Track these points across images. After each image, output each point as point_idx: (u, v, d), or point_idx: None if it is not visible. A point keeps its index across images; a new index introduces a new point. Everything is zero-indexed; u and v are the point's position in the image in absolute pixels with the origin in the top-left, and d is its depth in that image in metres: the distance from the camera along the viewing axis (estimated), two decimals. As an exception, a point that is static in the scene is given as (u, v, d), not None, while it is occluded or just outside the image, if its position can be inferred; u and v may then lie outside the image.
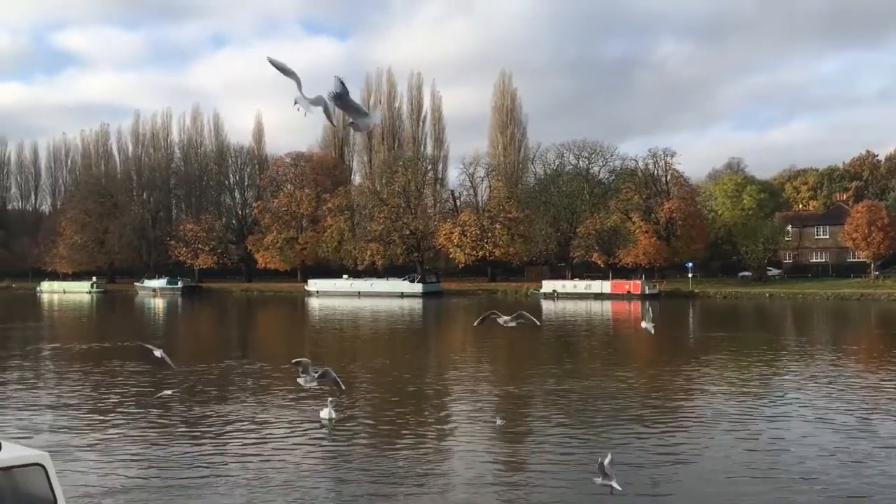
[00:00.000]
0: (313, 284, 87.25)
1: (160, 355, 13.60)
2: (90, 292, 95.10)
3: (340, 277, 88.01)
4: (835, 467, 14.22)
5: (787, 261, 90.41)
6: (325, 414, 17.70)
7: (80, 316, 62.87)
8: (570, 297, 72.71)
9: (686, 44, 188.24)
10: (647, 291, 71.62)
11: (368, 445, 16.20)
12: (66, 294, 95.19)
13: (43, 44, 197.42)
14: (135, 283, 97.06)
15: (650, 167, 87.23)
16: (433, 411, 20.07)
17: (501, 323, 11.56)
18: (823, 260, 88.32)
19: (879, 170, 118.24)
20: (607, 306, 64.13)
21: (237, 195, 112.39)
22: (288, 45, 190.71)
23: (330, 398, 18.19)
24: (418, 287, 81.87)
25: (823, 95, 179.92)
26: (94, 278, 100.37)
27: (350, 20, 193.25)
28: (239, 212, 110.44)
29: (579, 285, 76.59)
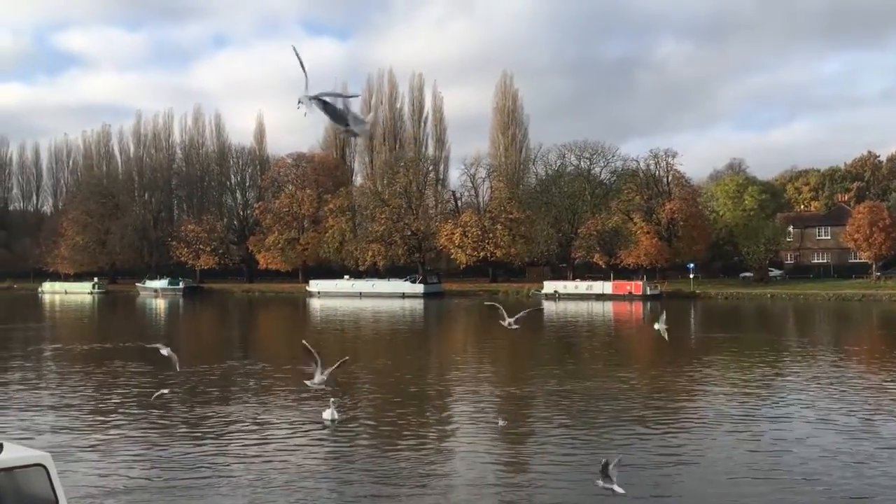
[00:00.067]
0: (314, 285, 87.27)
1: (167, 354, 13.61)
2: (92, 293, 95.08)
3: (342, 278, 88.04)
4: (837, 468, 14.20)
5: (789, 261, 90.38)
6: (328, 415, 17.71)
7: (82, 317, 62.89)
8: (572, 298, 72.70)
9: (686, 44, 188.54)
10: (649, 292, 71.62)
11: (370, 446, 16.19)
12: (68, 295, 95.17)
13: (45, 44, 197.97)
14: (136, 284, 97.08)
15: (651, 168, 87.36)
16: (435, 412, 20.05)
17: (505, 325, 11.52)
18: (825, 261, 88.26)
19: (881, 170, 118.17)
20: (609, 307, 64.10)
21: (238, 196, 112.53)
22: (289, 46, 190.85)
23: (332, 399, 18.19)
24: (419, 288, 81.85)
25: (825, 96, 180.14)
26: (96, 279, 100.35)
27: (351, 21, 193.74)
28: (240, 212, 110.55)
29: (581, 286, 76.56)
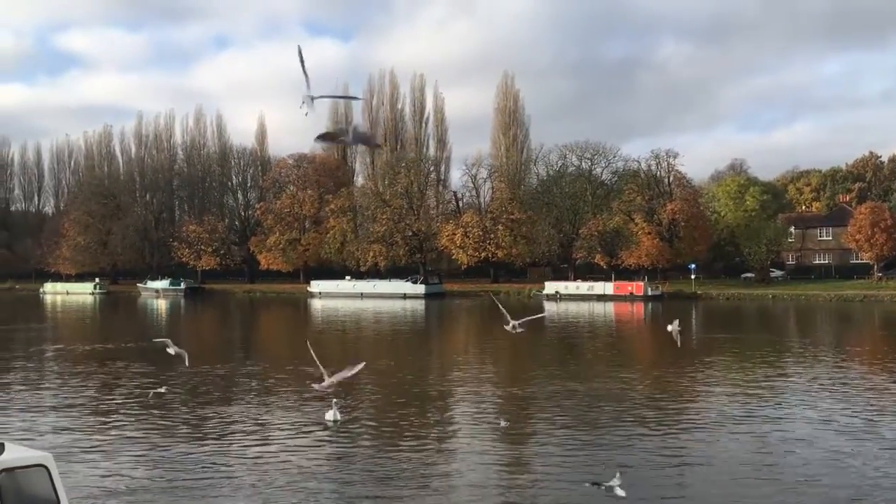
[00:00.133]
0: (316, 286, 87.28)
1: (174, 352, 13.62)
2: (93, 293, 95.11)
3: (343, 279, 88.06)
4: (840, 469, 14.18)
5: (790, 262, 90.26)
6: (331, 416, 17.73)
7: (84, 317, 62.92)
8: (573, 299, 72.65)
9: (688, 45, 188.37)
10: (650, 293, 71.57)
11: (373, 447, 16.18)
12: (70, 295, 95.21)
13: (46, 45, 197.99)
14: (138, 285, 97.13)
15: (653, 168, 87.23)
16: (437, 413, 20.05)
17: (509, 329, 11.43)
18: (826, 261, 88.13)
19: (882, 171, 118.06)
20: (610, 308, 64.05)
21: (240, 196, 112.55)
22: (291, 47, 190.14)
23: (335, 399, 18.18)
24: (421, 288, 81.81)
25: (826, 97, 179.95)
26: (97, 279, 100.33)
27: (353, 22, 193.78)
28: (242, 213, 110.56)
29: (582, 287, 76.49)
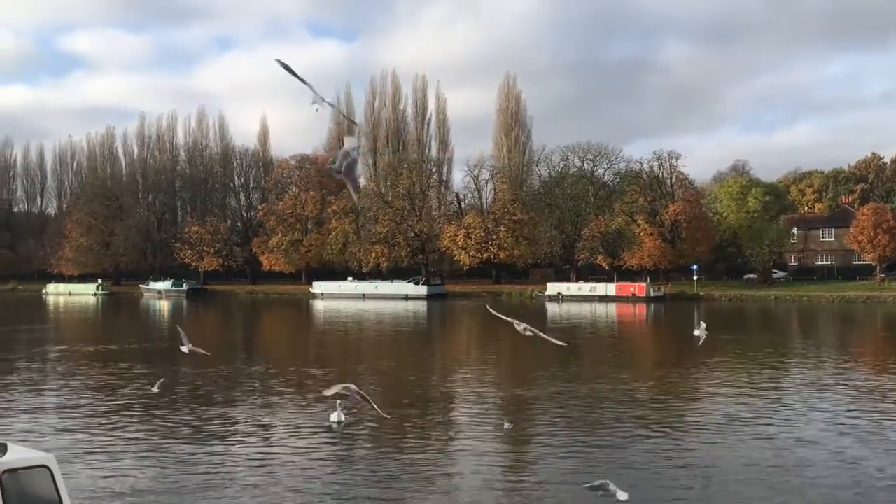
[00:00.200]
0: (318, 287, 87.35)
1: (187, 350, 13.64)
2: (95, 294, 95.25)
3: (345, 280, 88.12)
4: (845, 471, 14.14)
5: (793, 263, 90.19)
6: (335, 417, 17.74)
7: (86, 318, 62.98)
8: (575, 300, 72.62)
9: (690, 46, 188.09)
10: (653, 294, 71.53)
11: (376, 448, 16.17)
12: (72, 296, 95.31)
13: (49, 46, 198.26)
14: (140, 286, 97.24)
15: (655, 169, 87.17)
16: (440, 414, 20.04)
17: (520, 330, 11.34)
18: (829, 262, 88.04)
19: (885, 172, 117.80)
20: (612, 309, 64.01)
21: (242, 197, 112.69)
22: (294, 48, 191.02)
23: (339, 401, 18.17)
24: (423, 289, 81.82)
25: (828, 97, 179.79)
26: (100, 280, 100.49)
27: (355, 23, 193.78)
28: (244, 214, 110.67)
29: (584, 288, 76.46)
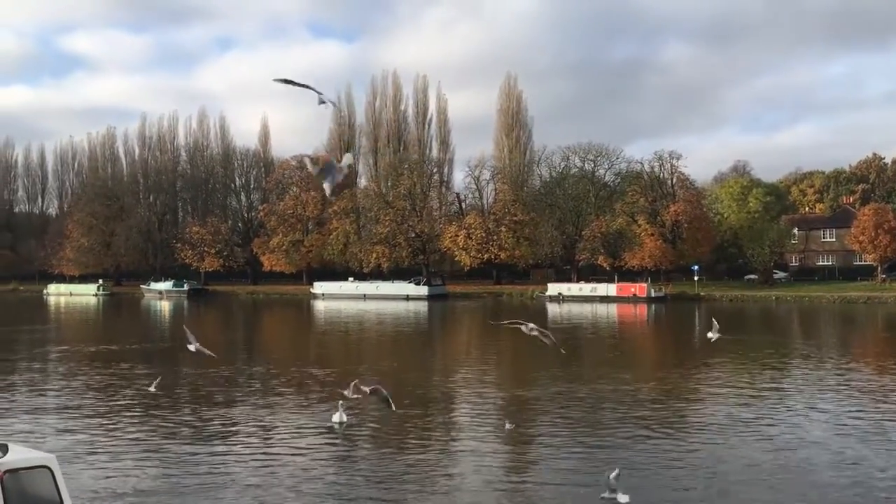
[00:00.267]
0: (319, 287, 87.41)
1: (194, 349, 13.66)
2: (96, 295, 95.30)
3: (346, 280, 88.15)
4: (848, 471, 14.11)
5: (794, 264, 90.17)
6: (337, 418, 17.67)
7: (87, 318, 62.99)
8: (576, 300, 72.61)
9: (692, 46, 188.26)
10: (653, 294, 71.51)
11: (378, 449, 16.15)
12: (73, 296, 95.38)
13: (50, 47, 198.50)
14: (141, 286, 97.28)
15: (656, 170, 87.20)
16: (442, 415, 20.02)
17: (526, 331, 11.26)
18: (830, 263, 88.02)
19: (886, 172, 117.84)
20: (613, 309, 64.00)
21: (243, 198, 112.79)
22: (295, 49, 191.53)
23: (341, 401, 18.16)
24: (423, 290, 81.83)
25: (830, 98, 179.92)
26: (101, 281, 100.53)
27: (357, 23, 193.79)
28: (245, 214, 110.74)
29: (585, 288, 76.46)
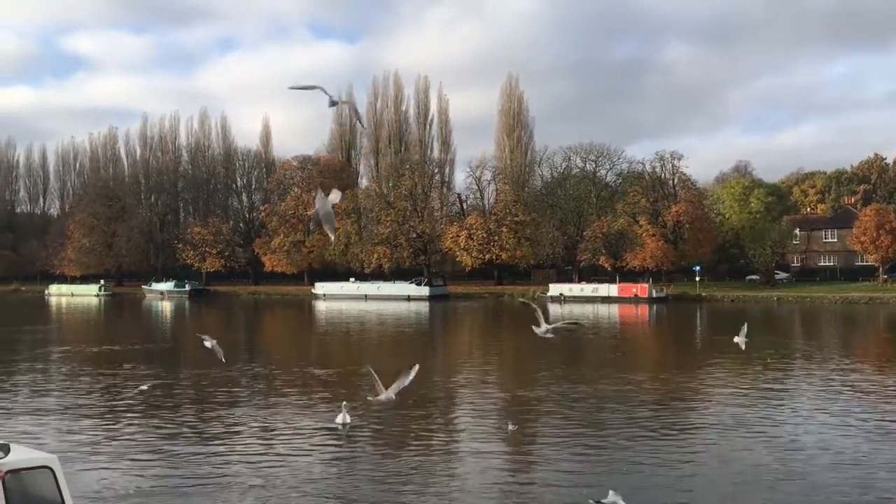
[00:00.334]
0: (320, 287, 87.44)
1: (210, 346, 13.70)
2: (98, 295, 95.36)
3: (347, 281, 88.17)
4: (851, 471, 14.08)
5: (795, 264, 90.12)
6: (340, 419, 17.65)
7: (89, 319, 63.02)
8: (577, 301, 72.57)
9: (693, 47, 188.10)
10: (655, 295, 71.47)
11: (381, 450, 16.14)
12: (74, 297, 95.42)
13: (51, 47, 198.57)
14: (142, 286, 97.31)
15: (657, 170, 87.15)
16: (444, 416, 20.00)
17: (539, 333, 10.60)
18: (831, 263, 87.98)
19: (888, 173, 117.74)
20: (614, 310, 63.98)
21: (244, 198, 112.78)
22: (296, 49, 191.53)
23: (344, 402, 18.17)
24: (425, 290, 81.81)
25: (831, 98, 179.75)
26: (102, 281, 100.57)
27: (358, 24, 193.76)
28: (246, 215, 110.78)
29: (586, 289, 76.46)
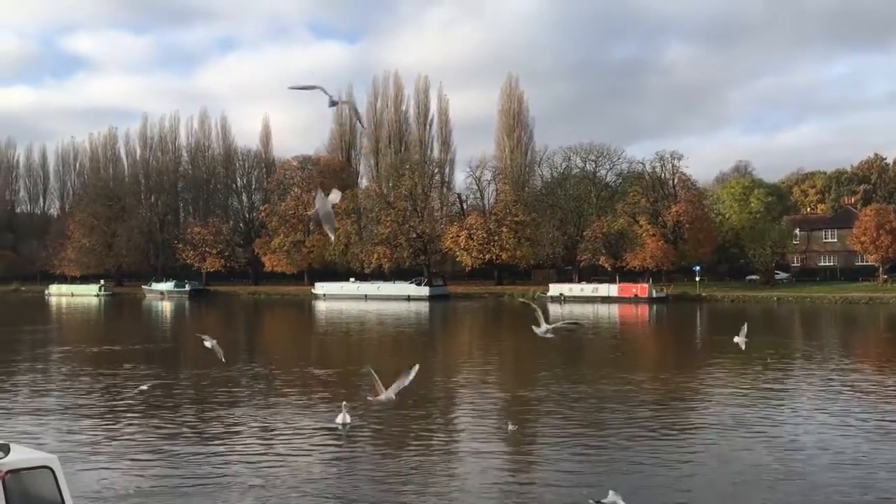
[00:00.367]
0: (320, 287, 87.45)
1: (210, 345, 13.70)
2: (98, 295, 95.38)
3: (347, 281, 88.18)
4: (850, 472, 14.08)
5: (795, 264, 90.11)
6: (340, 419, 17.65)
7: (89, 319, 63.02)
8: (577, 301, 72.58)
9: (693, 47, 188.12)
10: (655, 295, 71.47)
11: (381, 450, 16.13)
12: (74, 297, 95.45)
13: (51, 47, 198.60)
14: (142, 286, 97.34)
15: (657, 170, 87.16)
16: (444, 416, 20.00)
17: (539, 333, 10.40)
18: (831, 263, 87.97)
19: (888, 173, 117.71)
20: (614, 310, 63.99)
21: (244, 198, 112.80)
22: (296, 49, 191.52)
23: (344, 402, 18.16)
24: (425, 290, 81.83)
25: (832, 98, 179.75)
26: (102, 281, 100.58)
27: (358, 24, 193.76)
28: (246, 215, 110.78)
29: (586, 289, 76.48)
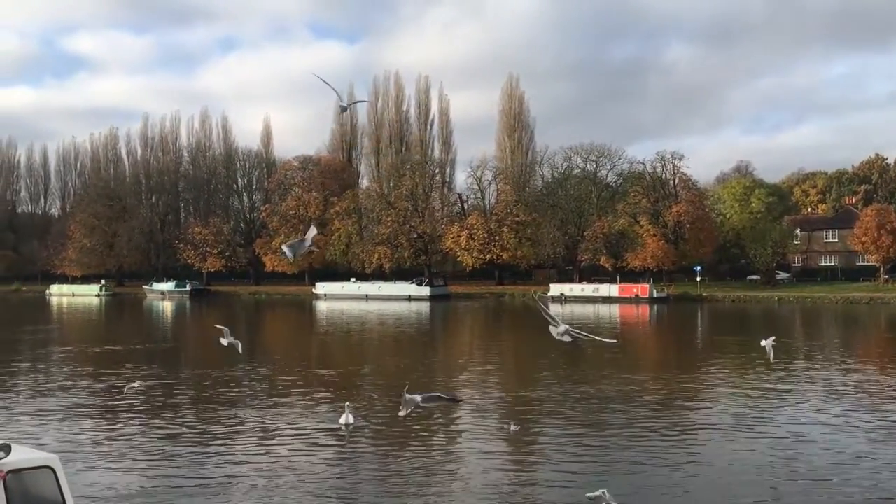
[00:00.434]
0: (321, 288, 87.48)
1: (227, 343, 13.72)
2: (99, 295, 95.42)
3: (348, 281, 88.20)
4: (853, 471, 14.08)
5: (796, 264, 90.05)
6: (344, 419, 17.64)
7: (90, 319, 63.03)
8: (578, 301, 72.56)
9: (694, 47, 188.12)
10: (656, 295, 71.48)
11: (383, 450, 16.13)
12: (75, 297, 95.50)
13: (52, 47, 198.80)
14: (143, 287, 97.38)
15: (658, 170, 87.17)
16: (446, 415, 19.98)
17: (556, 335, 9.84)
18: (832, 263, 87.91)
19: (889, 173, 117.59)
20: (615, 310, 63.98)
21: (245, 198, 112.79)
22: (296, 49, 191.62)
23: (347, 402, 18.15)
24: (426, 290, 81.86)
25: (832, 98, 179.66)
26: (103, 281, 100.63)
27: (359, 24, 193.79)
28: (247, 215, 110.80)
29: (587, 289, 76.49)
